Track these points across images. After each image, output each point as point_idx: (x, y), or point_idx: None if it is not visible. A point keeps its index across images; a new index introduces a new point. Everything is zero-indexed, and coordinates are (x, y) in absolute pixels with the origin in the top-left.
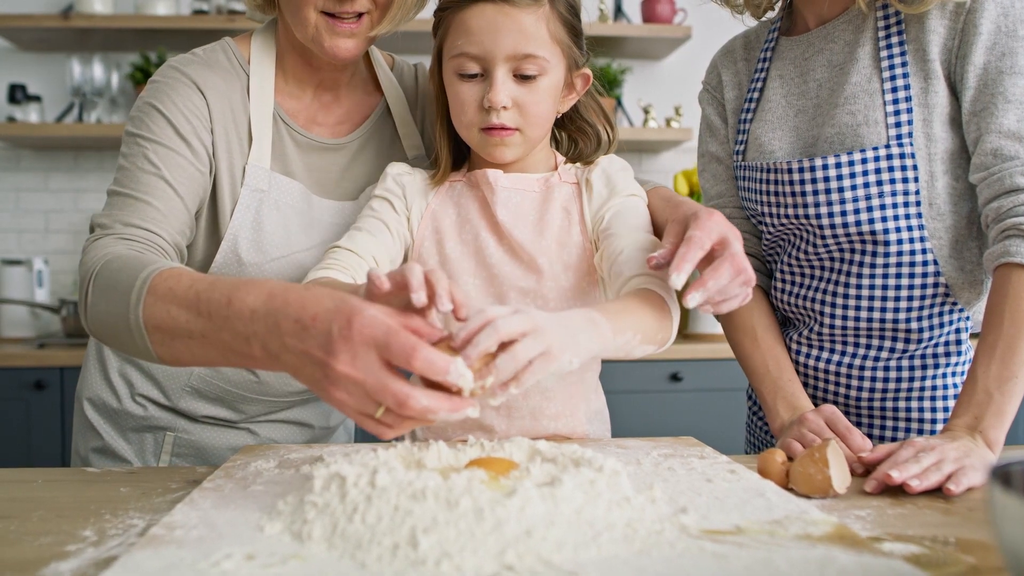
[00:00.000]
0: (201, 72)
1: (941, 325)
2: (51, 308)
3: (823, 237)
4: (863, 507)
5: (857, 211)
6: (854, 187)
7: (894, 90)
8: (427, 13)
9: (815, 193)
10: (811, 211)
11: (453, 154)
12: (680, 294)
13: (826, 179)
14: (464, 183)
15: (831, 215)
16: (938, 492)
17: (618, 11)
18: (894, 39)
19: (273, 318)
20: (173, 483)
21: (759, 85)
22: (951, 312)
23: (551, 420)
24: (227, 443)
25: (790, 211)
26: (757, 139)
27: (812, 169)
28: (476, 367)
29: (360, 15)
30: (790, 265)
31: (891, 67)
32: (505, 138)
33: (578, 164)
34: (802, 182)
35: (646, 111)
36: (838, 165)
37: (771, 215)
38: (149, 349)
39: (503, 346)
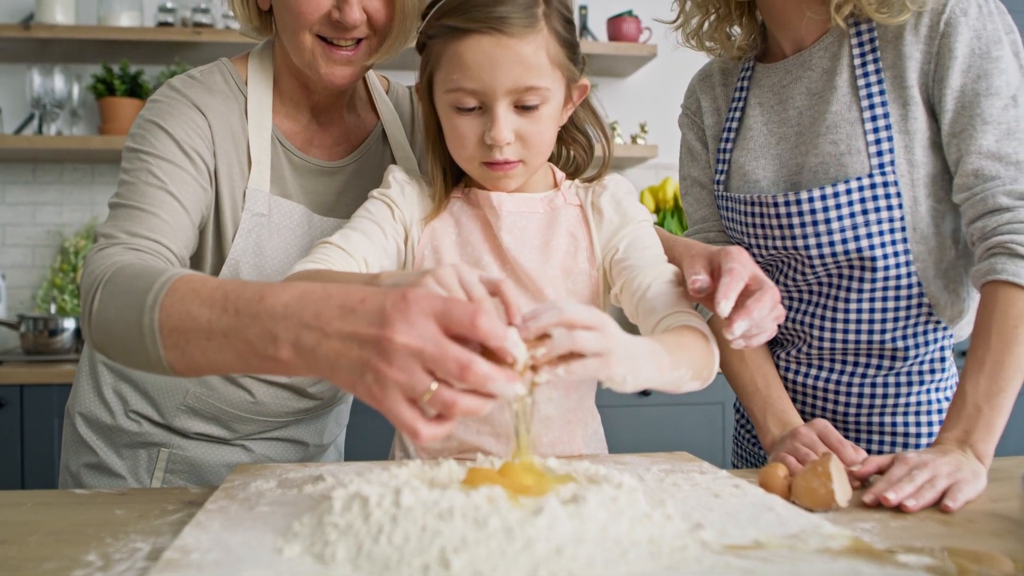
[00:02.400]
0: (201, 95)
1: (926, 343)
2: (9, 324)
3: (811, 264)
4: (866, 520)
5: (844, 240)
6: (840, 217)
7: (874, 119)
8: None
9: (802, 225)
10: (799, 242)
11: (448, 174)
12: (714, 323)
13: (812, 211)
14: (463, 200)
15: (819, 245)
16: (936, 505)
17: (584, 29)
18: (870, 67)
19: (313, 308)
20: (169, 504)
21: (738, 113)
22: (935, 331)
23: (548, 447)
24: (222, 460)
25: (778, 242)
26: (740, 168)
27: (798, 202)
28: (530, 341)
29: (359, 41)
30: (784, 286)
31: (869, 95)
32: (509, 171)
33: (578, 182)
34: (788, 215)
35: (612, 128)
36: (823, 197)
37: (758, 245)
38: (159, 354)
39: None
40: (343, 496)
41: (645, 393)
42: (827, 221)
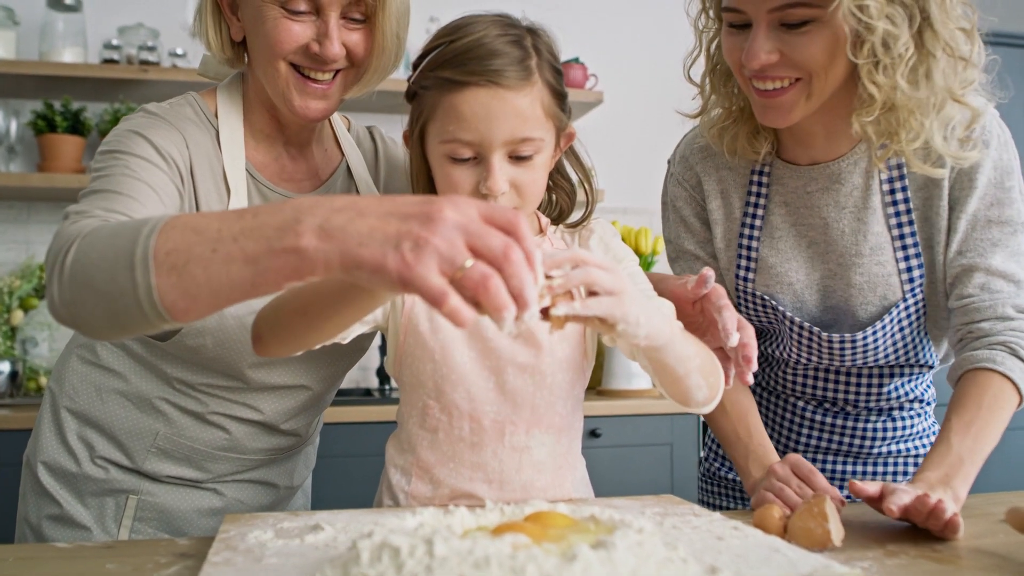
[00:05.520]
0: (179, 119)
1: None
2: None
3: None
4: (862, 559)
5: (887, 356)
6: (885, 343)
7: (904, 248)
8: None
9: (853, 353)
10: (847, 361)
11: None
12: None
13: (864, 344)
14: None
15: (865, 363)
16: (925, 542)
17: None
18: (899, 195)
19: (348, 198)
20: (161, 557)
21: (761, 210)
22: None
23: (540, 492)
24: (193, 505)
25: (824, 359)
26: (770, 267)
27: (853, 340)
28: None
29: (335, 74)
30: (804, 368)
31: (900, 225)
32: None
33: (562, 227)
34: (842, 348)
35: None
36: (874, 332)
37: (795, 351)
38: (149, 283)
39: None
40: (370, 546)
41: (595, 434)
42: (875, 345)
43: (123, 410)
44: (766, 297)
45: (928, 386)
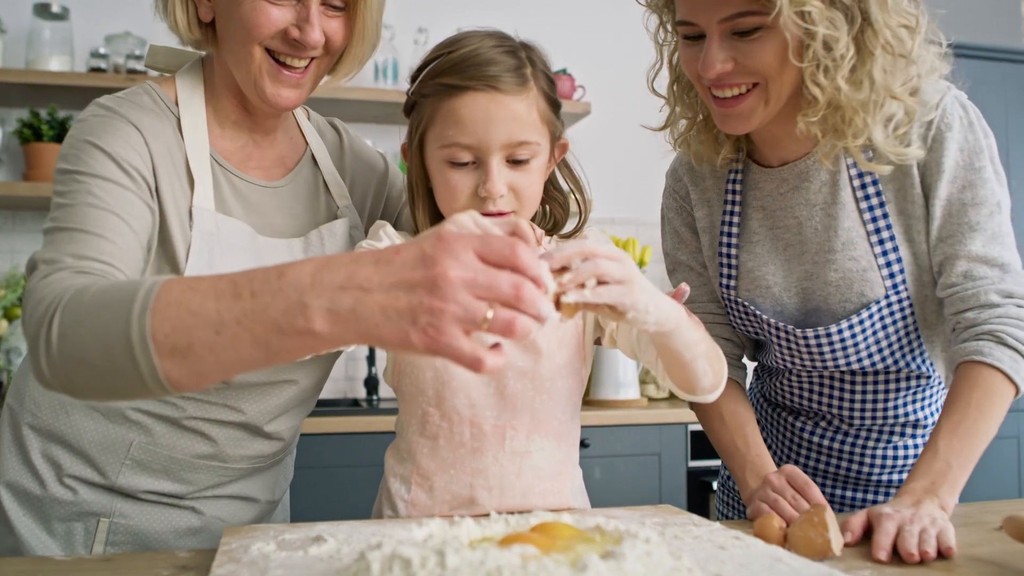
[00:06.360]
0: (133, 111)
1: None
2: None
3: (833, 373)
4: (862, 568)
5: (870, 355)
6: (866, 339)
7: (881, 242)
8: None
9: (832, 351)
10: (828, 361)
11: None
12: None
13: (842, 340)
14: None
15: (848, 363)
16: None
17: None
18: (871, 188)
19: (344, 271)
20: (162, 570)
21: (736, 217)
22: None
23: (540, 498)
24: (170, 525)
25: (805, 360)
26: (749, 272)
27: (828, 335)
28: (555, 272)
29: (310, 61)
30: (797, 376)
31: (874, 219)
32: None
33: (556, 238)
34: (819, 345)
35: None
36: (851, 327)
37: (780, 354)
38: (153, 366)
39: None
40: (380, 558)
41: (583, 444)
42: (855, 345)
43: (91, 422)
44: (747, 304)
45: (935, 410)
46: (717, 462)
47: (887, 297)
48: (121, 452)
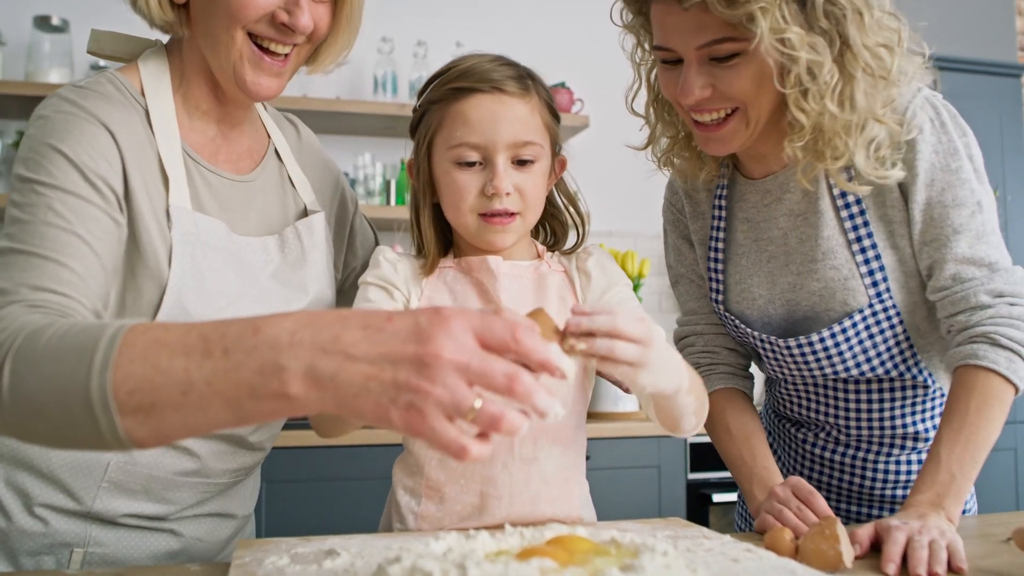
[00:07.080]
0: (100, 105)
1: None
2: None
3: (824, 382)
4: None
5: (858, 364)
6: (851, 348)
7: (863, 250)
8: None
9: (816, 360)
10: (814, 371)
11: (439, 242)
12: None
13: (825, 348)
14: (455, 270)
15: (835, 372)
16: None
17: None
18: (851, 197)
19: (329, 332)
20: None
21: (722, 233)
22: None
23: (548, 504)
24: (148, 551)
25: (793, 369)
26: (736, 284)
27: (810, 344)
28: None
29: (291, 49)
30: (794, 386)
31: (855, 228)
32: (506, 224)
33: (558, 253)
34: (803, 354)
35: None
36: (833, 335)
37: (772, 367)
38: (114, 424)
39: None
40: (400, 571)
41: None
42: (840, 353)
43: None
44: (734, 316)
45: (936, 424)
46: (716, 475)
47: (871, 306)
48: (97, 474)
